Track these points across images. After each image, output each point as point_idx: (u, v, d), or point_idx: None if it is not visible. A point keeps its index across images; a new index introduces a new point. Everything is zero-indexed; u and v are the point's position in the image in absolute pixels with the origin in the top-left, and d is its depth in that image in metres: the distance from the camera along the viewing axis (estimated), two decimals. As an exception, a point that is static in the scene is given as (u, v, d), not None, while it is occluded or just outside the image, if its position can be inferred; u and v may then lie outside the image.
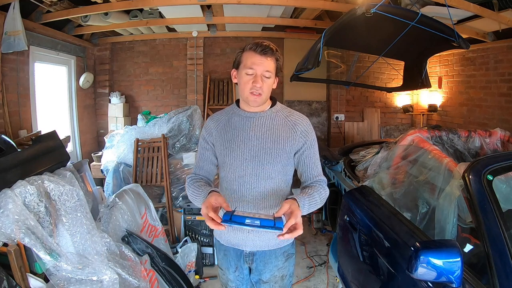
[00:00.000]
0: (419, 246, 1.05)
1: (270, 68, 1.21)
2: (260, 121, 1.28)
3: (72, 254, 1.55)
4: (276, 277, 1.35)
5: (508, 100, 3.37)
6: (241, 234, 1.29)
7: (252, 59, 1.20)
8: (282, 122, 1.28)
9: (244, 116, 1.29)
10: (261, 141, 1.25)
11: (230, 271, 1.38)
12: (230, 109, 1.36)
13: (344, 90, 4.72)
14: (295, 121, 1.28)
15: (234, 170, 1.26)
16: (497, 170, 1.31)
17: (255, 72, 1.20)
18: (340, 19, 2.38)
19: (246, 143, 1.25)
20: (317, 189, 1.23)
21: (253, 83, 1.20)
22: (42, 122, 3.36)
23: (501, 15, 2.76)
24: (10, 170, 1.62)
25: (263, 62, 1.20)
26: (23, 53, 3.01)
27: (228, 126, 1.30)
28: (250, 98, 1.22)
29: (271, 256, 1.33)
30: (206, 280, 2.57)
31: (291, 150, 1.26)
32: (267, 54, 1.20)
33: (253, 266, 1.35)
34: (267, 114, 1.29)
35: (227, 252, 1.37)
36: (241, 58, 1.24)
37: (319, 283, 2.56)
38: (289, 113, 1.31)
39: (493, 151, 2.09)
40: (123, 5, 3.07)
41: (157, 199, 3.08)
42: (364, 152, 2.68)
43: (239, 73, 1.25)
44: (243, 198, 1.26)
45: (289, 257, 1.38)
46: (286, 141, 1.25)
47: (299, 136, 1.26)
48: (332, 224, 2.76)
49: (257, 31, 4.47)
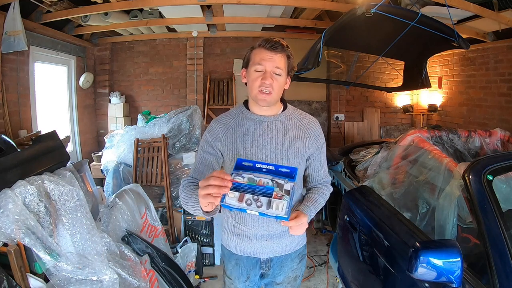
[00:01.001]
0: (419, 246, 1.05)
1: (280, 65, 1.14)
2: (274, 126, 1.20)
3: (72, 254, 1.55)
4: (290, 278, 1.34)
5: (508, 100, 3.37)
6: (258, 242, 1.24)
7: (261, 55, 1.13)
8: (297, 126, 1.23)
9: (257, 120, 1.21)
10: (277, 147, 1.18)
11: (241, 280, 1.32)
12: (238, 111, 1.26)
13: (344, 90, 4.72)
14: (308, 125, 1.25)
15: None
16: (497, 170, 1.31)
17: (264, 69, 1.13)
18: (340, 19, 2.38)
19: (261, 149, 1.18)
20: (322, 191, 1.26)
21: (262, 80, 1.12)
22: (42, 122, 3.36)
23: (501, 15, 2.76)
24: (10, 170, 1.62)
25: (273, 57, 1.13)
26: (23, 53, 3.01)
27: (239, 131, 1.20)
28: (259, 97, 1.14)
29: (287, 259, 1.30)
30: (206, 280, 2.56)
31: (306, 154, 1.23)
32: (277, 49, 1.13)
33: (269, 272, 1.31)
34: (281, 118, 1.22)
35: (240, 261, 1.29)
36: (250, 56, 1.18)
37: (319, 283, 2.56)
38: (301, 116, 1.27)
39: (493, 151, 2.09)
40: (123, 5, 3.08)
41: (157, 199, 3.08)
42: (364, 152, 2.68)
43: (248, 71, 1.18)
44: None
45: (303, 258, 1.37)
46: (302, 145, 1.21)
47: (313, 140, 1.24)
48: (332, 224, 2.76)
49: (257, 31, 4.48)
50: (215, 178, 0.85)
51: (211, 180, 0.86)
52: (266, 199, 0.88)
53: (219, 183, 0.85)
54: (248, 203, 0.87)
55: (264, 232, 1.22)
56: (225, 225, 1.32)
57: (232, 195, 0.88)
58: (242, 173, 0.92)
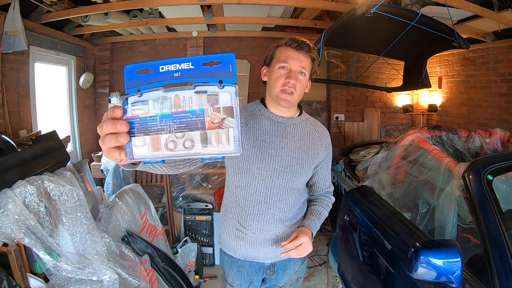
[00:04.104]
0: (419, 246, 1.05)
1: (306, 66, 1.10)
2: (292, 129, 1.17)
3: (72, 254, 1.55)
4: (292, 280, 1.33)
5: (508, 100, 3.37)
6: (263, 247, 1.20)
7: (287, 53, 1.10)
8: (311, 132, 1.22)
9: (276, 121, 1.16)
10: (292, 151, 1.15)
11: (243, 287, 1.29)
12: (255, 107, 1.20)
13: (344, 90, 4.72)
14: (321, 132, 1.25)
15: (261, 180, 1.13)
16: (497, 170, 1.31)
17: (290, 67, 1.09)
18: (340, 19, 2.38)
19: (278, 152, 1.13)
20: (325, 203, 1.28)
21: (286, 79, 1.08)
22: (42, 122, 3.36)
23: (501, 15, 2.76)
24: (10, 170, 1.61)
25: (299, 57, 1.09)
26: (23, 53, 3.01)
27: (257, 129, 1.14)
28: (281, 97, 1.09)
29: (289, 262, 1.28)
30: (206, 280, 2.56)
31: (316, 162, 1.22)
32: (303, 49, 1.10)
33: (273, 276, 1.28)
34: (299, 122, 1.20)
35: (242, 268, 1.25)
36: (274, 53, 1.14)
37: (319, 283, 2.56)
38: (315, 124, 1.27)
39: (493, 151, 2.09)
40: (123, 5, 3.07)
41: (157, 199, 3.08)
42: (364, 152, 2.68)
43: (270, 69, 1.14)
44: (268, 211, 1.16)
45: (305, 259, 1.36)
46: (314, 152, 1.20)
47: (323, 150, 1.24)
48: (332, 224, 2.76)
49: (257, 31, 4.47)
50: (108, 121, 0.52)
51: (104, 126, 0.52)
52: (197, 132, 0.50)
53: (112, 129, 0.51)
54: (171, 147, 0.51)
55: (270, 236, 1.19)
56: (227, 227, 1.26)
57: (140, 142, 0.52)
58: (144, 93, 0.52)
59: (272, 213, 1.16)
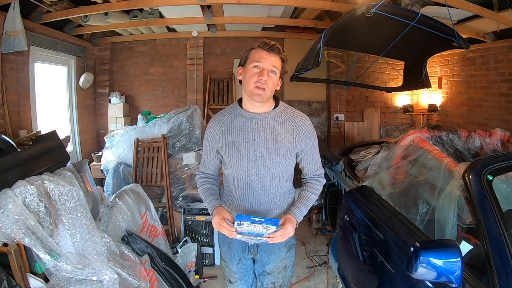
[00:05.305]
0: (419, 246, 1.05)
1: (276, 65, 1.26)
2: (264, 122, 1.30)
3: (72, 254, 1.55)
4: (279, 268, 1.44)
5: (508, 100, 3.37)
6: None
7: (260, 54, 1.25)
8: (286, 123, 1.32)
9: (248, 117, 1.31)
10: (266, 142, 1.28)
11: (234, 263, 1.46)
12: (232, 109, 1.37)
13: (344, 90, 4.72)
14: (298, 122, 1.33)
15: (240, 170, 1.31)
16: (497, 170, 1.31)
17: (262, 66, 1.24)
18: (340, 19, 2.38)
19: (251, 144, 1.29)
20: (313, 186, 1.38)
21: (258, 76, 1.23)
22: (42, 122, 3.36)
23: (501, 15, 2.76)
24: (10, 170, 1.62)
25: (270, 58, 1.24)
26: (23, 53, 3.01)
27: (232, 127, 1.32)
28: (255, 92, 1.24)
29: (274, 247, 1.39)
30: (206, 280, 2.56)
31: (294, 150, 1.32)
32: (274, 51, 1.25)
33: (257, 257, 1.43)
34: (271, 115, 1.32)
35: (231, 245, 1.43)
36: (248, 55, 1.29)
37: (319, 283, 2.56)
38: (292, 114, 1.35)
39: (493, 151, 2.09)
40: (123, 5, 3.08)
41: (157, 199, 3.08)
42: (364, 152, 2.68)
43: (245, 69, 1.29)
44: (249, 195, 1.34)
45: (291, 248, 1.46)
46: (290, 142, 1.30)
47: (302, 137, 1.32)
48: (332, 224, 2.76)
49: (257, 31, 4.48)
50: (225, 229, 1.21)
51: (223, 230, 1.22)
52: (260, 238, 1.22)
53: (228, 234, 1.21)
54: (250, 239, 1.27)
55: None
56: None
57: (239, 236, 1.22)
58: (243, 223, 1.18)
59: (252, 198, 1.34)
